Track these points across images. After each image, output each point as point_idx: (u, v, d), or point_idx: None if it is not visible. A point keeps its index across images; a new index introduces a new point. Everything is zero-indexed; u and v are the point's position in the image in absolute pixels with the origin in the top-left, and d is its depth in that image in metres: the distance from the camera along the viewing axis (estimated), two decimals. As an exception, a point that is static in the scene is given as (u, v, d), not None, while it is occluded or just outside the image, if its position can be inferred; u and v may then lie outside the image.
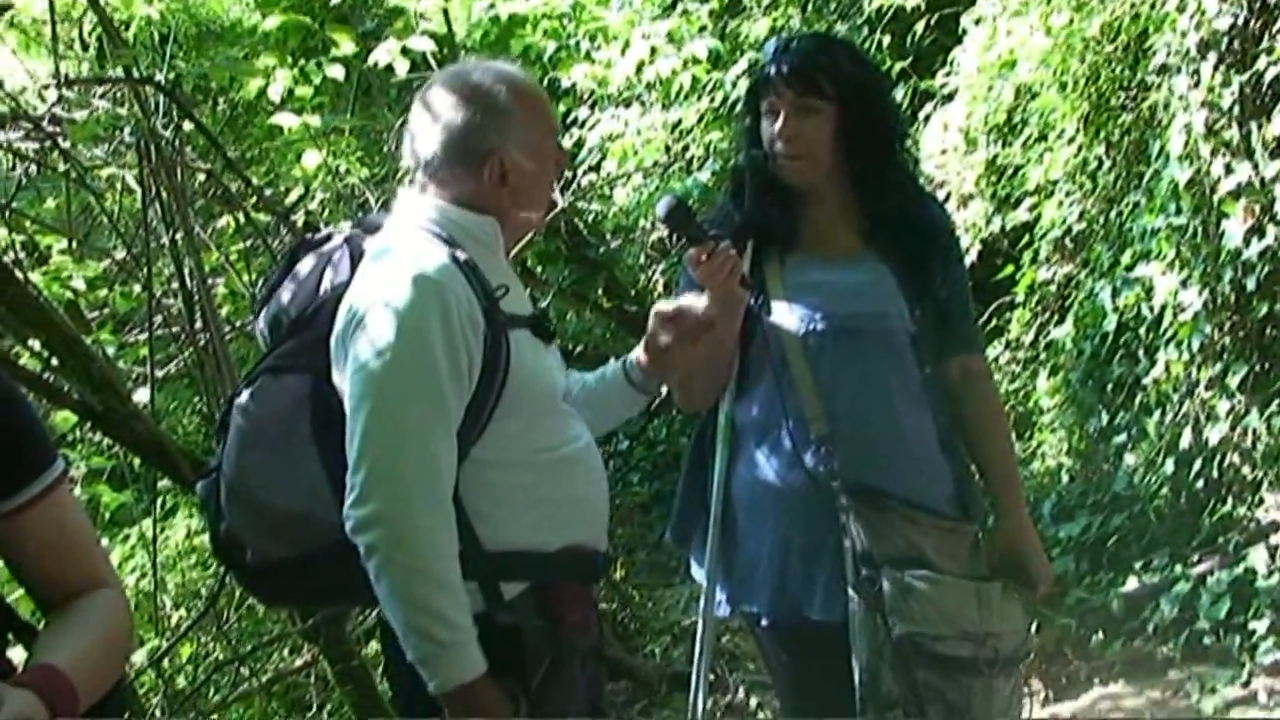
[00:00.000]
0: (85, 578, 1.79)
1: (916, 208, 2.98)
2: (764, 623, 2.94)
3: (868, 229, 2.94)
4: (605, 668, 2.58)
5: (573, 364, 2.67)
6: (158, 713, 4.46)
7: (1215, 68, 4.79)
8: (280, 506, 2.33)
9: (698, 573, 3.04)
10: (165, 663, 4.64)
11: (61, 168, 4.52)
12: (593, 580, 2.56)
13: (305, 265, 2.46)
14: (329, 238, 2.50)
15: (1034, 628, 5.24)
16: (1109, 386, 6.01)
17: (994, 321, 6.76)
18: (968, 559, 2.87)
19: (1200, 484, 5.30)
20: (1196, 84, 4.88)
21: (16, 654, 1.79)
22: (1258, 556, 4.96)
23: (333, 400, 2.29)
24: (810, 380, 2.86)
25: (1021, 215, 6.58)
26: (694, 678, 2.97)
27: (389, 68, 4.78)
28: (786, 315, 2.88)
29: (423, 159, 2.43)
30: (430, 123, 2.42)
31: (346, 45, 4.65)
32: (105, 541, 5.43)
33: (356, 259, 2.40)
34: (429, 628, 2.18)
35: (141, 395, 4.47)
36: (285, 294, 2.46)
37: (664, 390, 2.84)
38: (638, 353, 2.68)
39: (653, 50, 7.13)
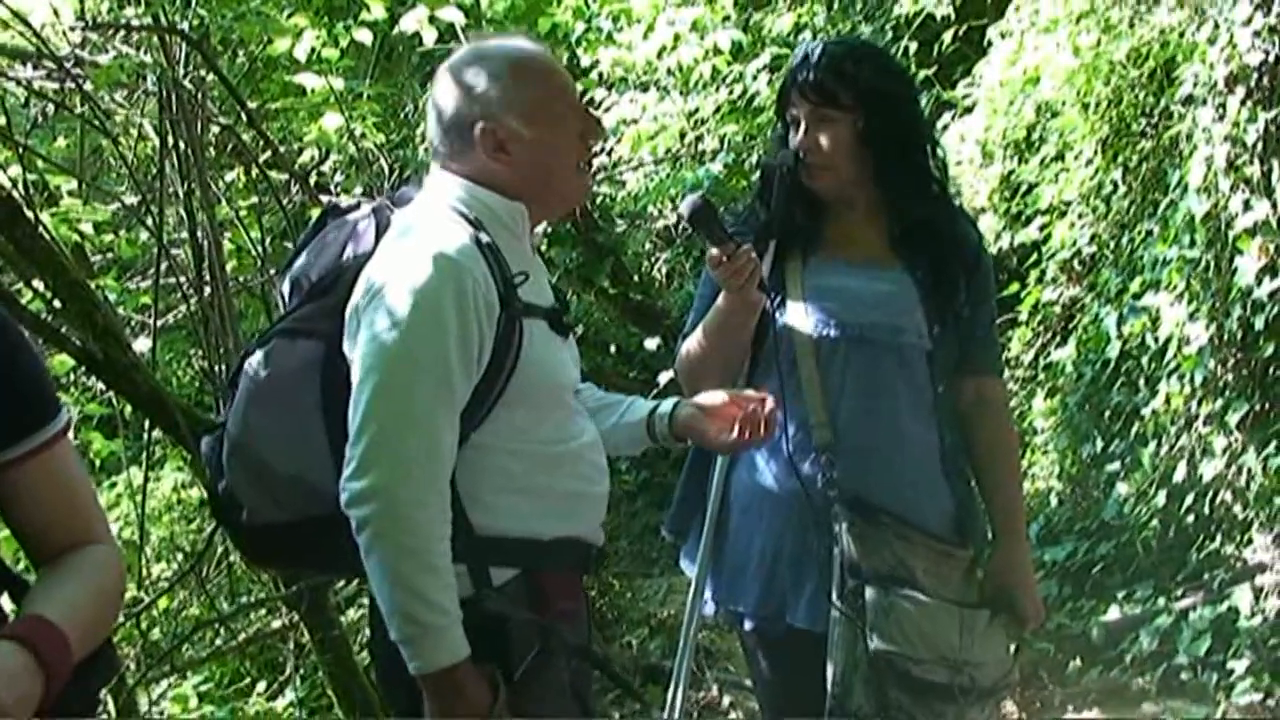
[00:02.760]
0: (80, 533, 1.77)
1: (946, 221, 2.95)
2: (748, 624, 2.94)
3: (895, 237, 2.92)
4: (592, 665, 2.53)
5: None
6: (132, 664, 4.45)
7: (1242, 102, 4.76)
8: (280, 469, 2.32)
9: (688, 567, 3.03)
10: (142, 615, 4.61)
11: (79, 110, 4.48)
12: (584, 571, 2.53)
13: (331, 231, 2.45)
14: (357, 206, 2.49)
15: (1013, 650, 5.27)
16: (1106, 413, 5.99)
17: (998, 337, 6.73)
18: (959, 584, 2.85)
19: (1190, 519, 5.29)
20: (1221, 117, 4.85)
21: (4, 604, 1.77)
22: (1242, 596, 4.96)
23: (343, 369, 2.27)
24: (818, 386, 2.84)
25: (1031, 233, 6.55)
26: (675, 673, 2.97)
27: (415, 35, 4.75)
28: (802, 318, 2.86)
29: (431, 136, 2.44)
30: (435, 99, 2.42)
31: (377, 9, 4.64)
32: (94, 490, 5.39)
33: (381, 231, 2.39)
34: (413, 609, 2.16)
35: (141, 345, 4.44)
36: (307, 258, 2.45)
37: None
38: (674, 413, 2.56)
39: (676, 37, 7.11)
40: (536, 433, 2.34)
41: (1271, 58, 4.70)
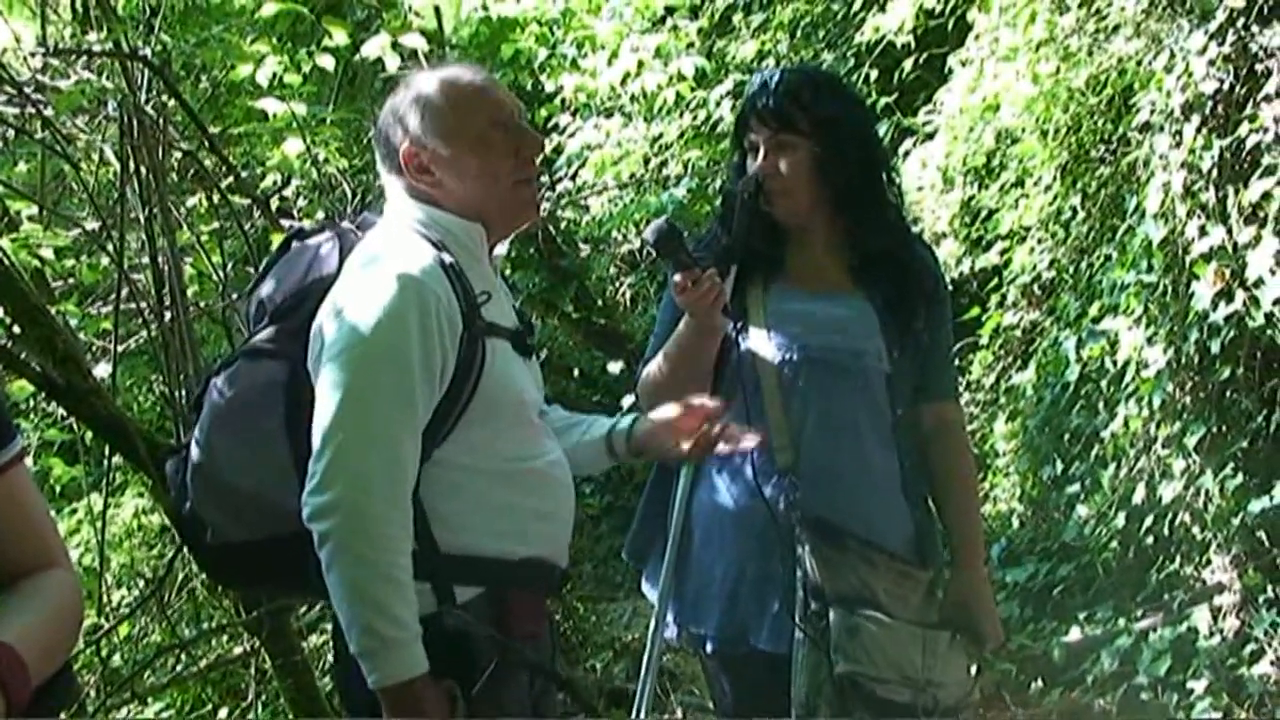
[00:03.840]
0: (38, 557, 1.77)
1: (903, 248, 2.98)
2: (710, 648, 2.94)
3: (854, 265, 2.95)
4: (553, 683, 2.55)
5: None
6: (93, 691, 4.41)
7: (1197, 130, 4.81)
8: (245, 489, 2.34)
9: (649, 591, 3.04)
10: (102, 641, 4.58)
11: (40, 135, 4.47)
12: (548, 593, 2.55)
13: (295, 254, 2.48)
14: (322, 229, 2.52)
15: (974, 670, 5.28)
16: (1066, 436, 6.03)
17: (956, 362, 6.77)
18: (919, 605, 2.87)
19: (1150, 540, 5.32)
20: (1178, 144, 4.91)
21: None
22: (1200, 616, 4.98)
23: (307, 390, 2.29)
24: (780, 410, 2.87)
25: (992, 258, 6.61)
26: (638, 696, 2.96)
27: (378, 60, 4.76)
28: (764, 343, 2.89)
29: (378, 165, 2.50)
30: (376, 130, 2.49)
31: (339, 36, 4.64)
32: (53, 515, 5.35)
33: (345, 254, 2.41)
34: (373, 622, 2.17)
35: (101, 370, 4.42)
36: (272, 281, 2.47)
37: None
38: (632, 428, 2.64)
39: (639, 63, 7.14)
40: (500, 450, 2.36)
41: (1226, 86, 4.76)
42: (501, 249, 2.58)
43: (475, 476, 2.33)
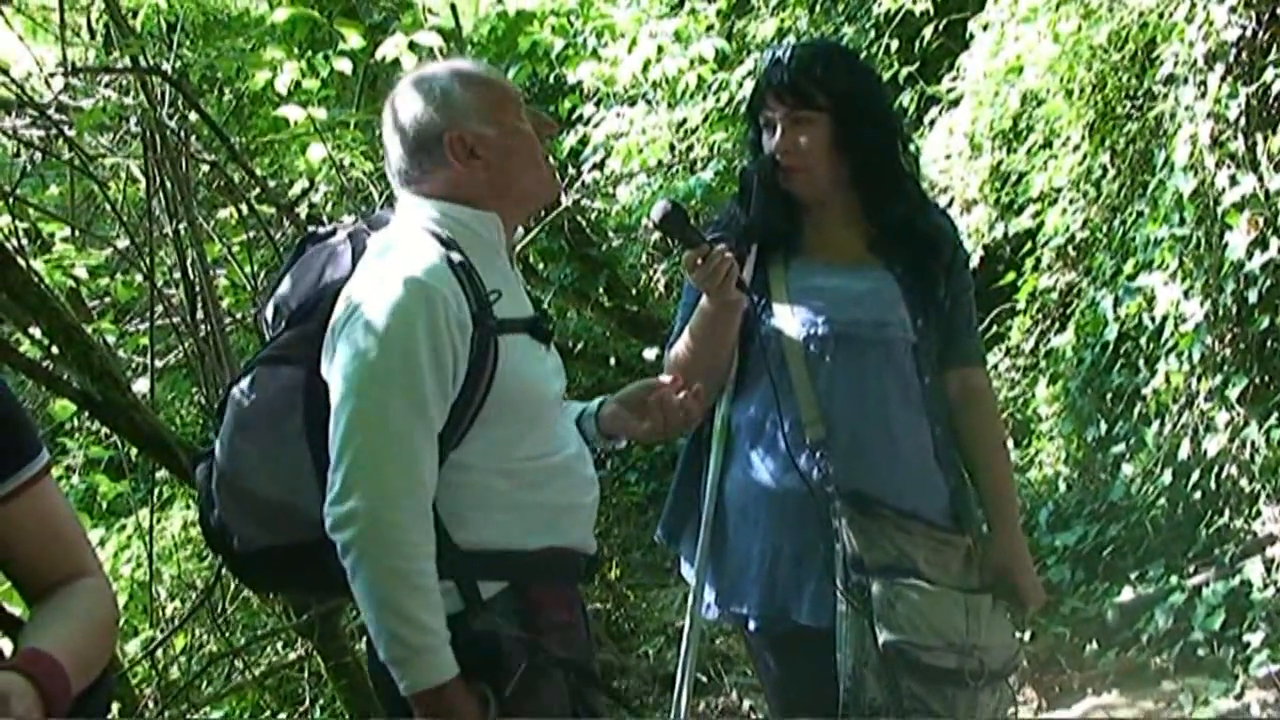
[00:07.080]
0: (70, 567, 1.79)
1: (921, 216, 2.97)
2: (752, 626, 2.94)
3: (873, 236, 2.94)
4: (585, 681, 2.48)
5: (572, 362, 2.65)
6: (150, 703, 4.46)
7: (1222, 79, 4.78)
8: (268, 496, 2.34)
9: (687, 571, 3.03)
10: (159, 653, 4.62)
11: (66, 156, 4.52)
12: (576, 580, 2.52)
13: (309, 257, 2.47)
14: (334, 232, 2.51)
15: (1028, 636, 5.26)
16: (1108, 396, 6.00)
17: (994, 328, 6.76)
18: (959, 571, 2.86)
19: (1197, 495, 5.29)
20: (1203, 95, 4.87)
21: (3, 645, 1.79)
22: (1253, 569, 4.95)
23: (325, 394, 2.28)
24: (808, 384, 2.86)
25: (1024, 222, 6.57)
26: (679, 676, 2.97)
27: (396, 62, 4.77)
28: (788, 319, 2.88)
29: (394, 166, 2.45)
30: (390, 131, 2.44)
31: (354, 39, 4.66)
32: (102, 531, 5.44)
33: (358, 255, 2.40)
34: (400, 630, 2.17)
35: (141, 385, 4.47)
36: (287, 285, 2.46)
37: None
38: (599, 412, 2.65)
39: (659, 49, 7.13)
40: (518, 450, 2.34)
41: (1248, 32, 4.72)
42: (518, 232, 2.59)
43: (494, 477, 2.32)
